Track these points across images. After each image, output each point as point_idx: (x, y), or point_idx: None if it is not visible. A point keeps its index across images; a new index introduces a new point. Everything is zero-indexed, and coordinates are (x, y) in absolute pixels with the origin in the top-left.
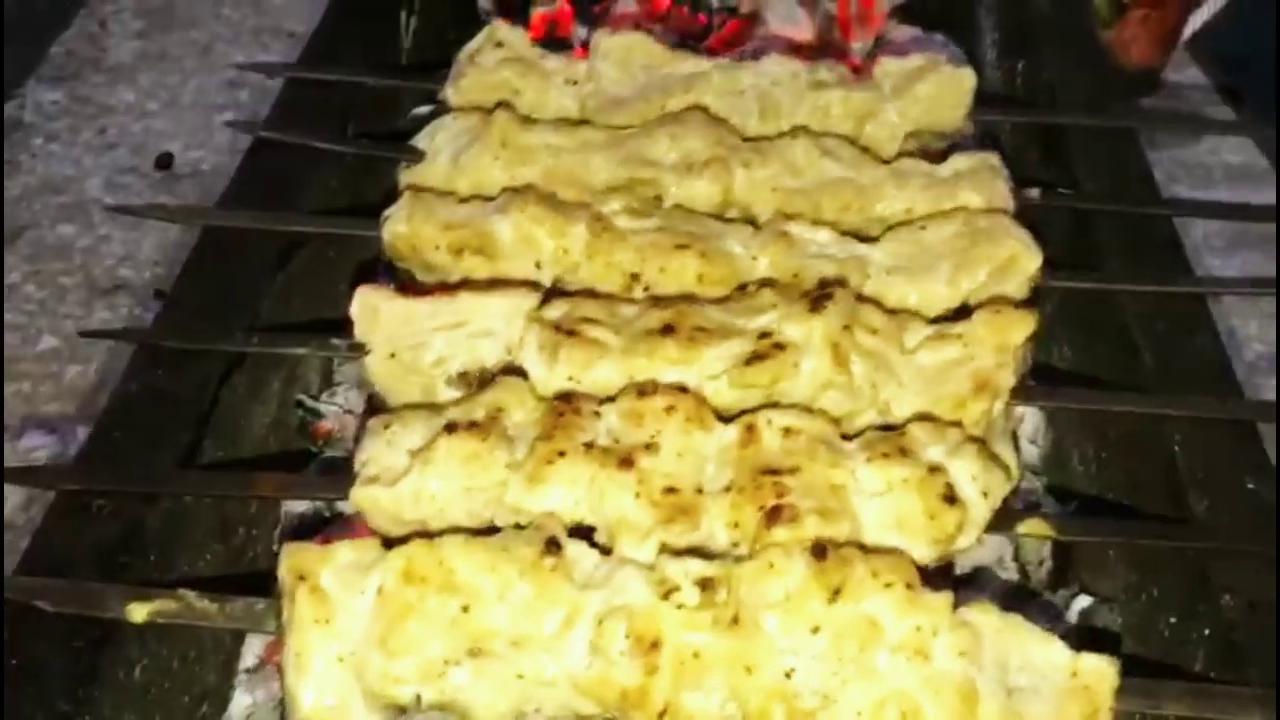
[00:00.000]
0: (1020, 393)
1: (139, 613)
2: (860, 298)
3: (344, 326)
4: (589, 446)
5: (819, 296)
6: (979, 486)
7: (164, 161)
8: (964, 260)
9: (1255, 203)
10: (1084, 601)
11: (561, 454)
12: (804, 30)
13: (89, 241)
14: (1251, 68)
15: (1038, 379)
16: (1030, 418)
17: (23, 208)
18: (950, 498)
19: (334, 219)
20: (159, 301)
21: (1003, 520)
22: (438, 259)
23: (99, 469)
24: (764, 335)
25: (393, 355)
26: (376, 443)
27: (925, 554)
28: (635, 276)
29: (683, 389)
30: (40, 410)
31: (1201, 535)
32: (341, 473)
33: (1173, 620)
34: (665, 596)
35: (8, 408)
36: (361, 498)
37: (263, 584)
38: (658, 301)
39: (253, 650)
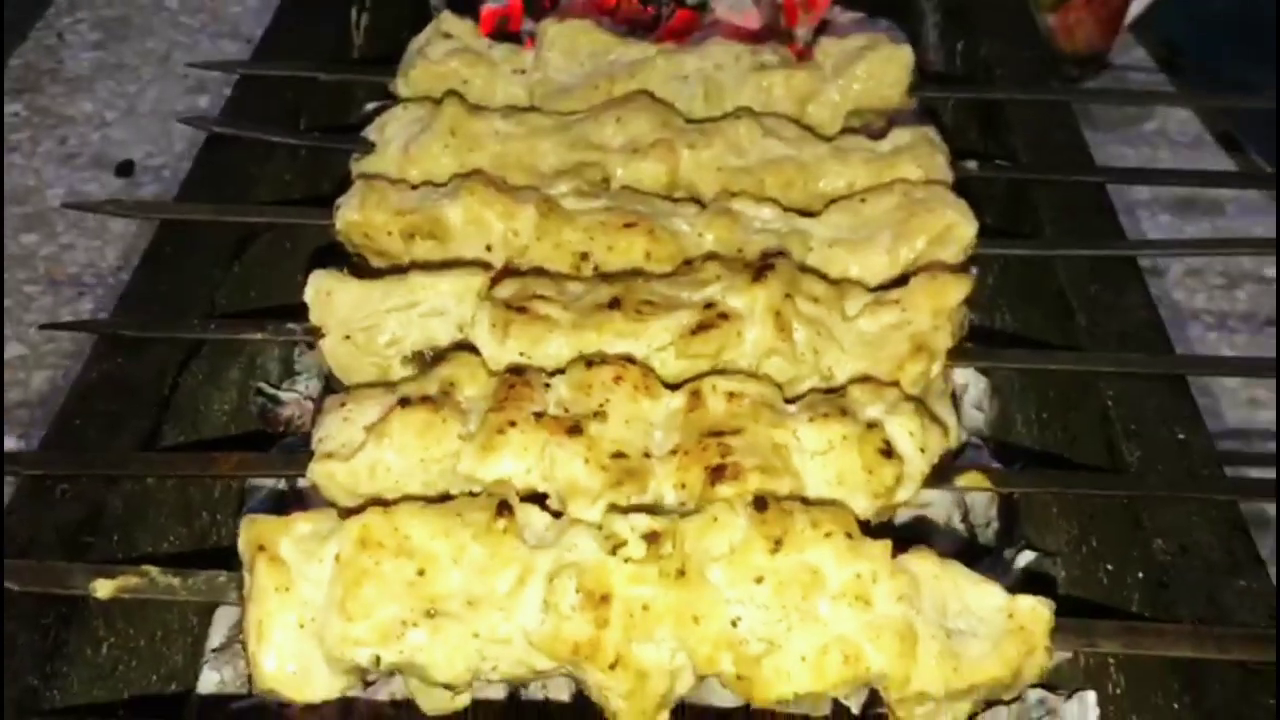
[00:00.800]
0: (958, 354)
1: (104, 589)
2: (803, 269)
3: (300, 313)
4: (539, 416)
5: (761, 267)
6: (916, 442)
7: (125, 169)
8: (902, 230)
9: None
10: (1028, 556)
11: (512, 424)
12: (750, 18)
13: (52, 249)
14: (1196, 46)
15: (979, 344)
16: (976, 385)
17: None
18: (887, 452)
19: (288, 209)
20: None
21: (943, 475)
22: (390, 245)
23: (61, 455)
24: (709, 306)
25: (347, 337)
26: (333, 419)
27: (865, 507)
28: (585, 256)
29: (630, 360)
30: (9, 416)
31: (1131, 483)
32: (301, 453)
33: (1110, 567)
34: (613, 552)
35: None
36: (319, 472)
37: (226, 563)
38: (606, 278)
39: (220, 630)
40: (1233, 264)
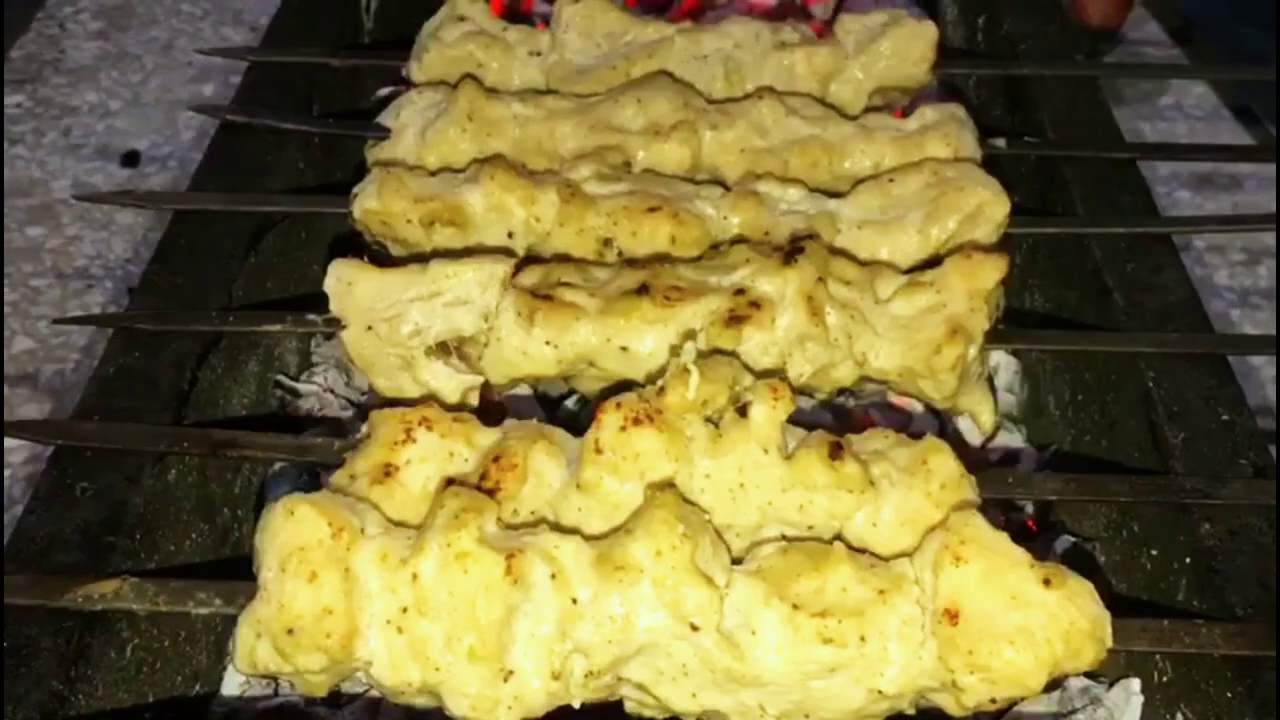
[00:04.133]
0: (994, 336)
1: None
2: (832, 252)
3: (319, 304)
4: None
5: (791, 250)
6: None
7: (131, 159)
8: (933, 210)
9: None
10: (1066, 542)
11: None
12: None
13: (58, 242)
14: (1209, 18)
15: (1011, 325)
16: (1006, 367)
17: None
18: None
19: (305, 197)
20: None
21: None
22: (409, 233)
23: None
24: (739, 292)
25: (369, 328)
26: None
27: None
28: (608, 241)
29: None
30: (18, 411)
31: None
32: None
33: (1154, 553)
34: None
35: None
36: None
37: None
38: (632, 263)
39: None
40: (1253, 239)
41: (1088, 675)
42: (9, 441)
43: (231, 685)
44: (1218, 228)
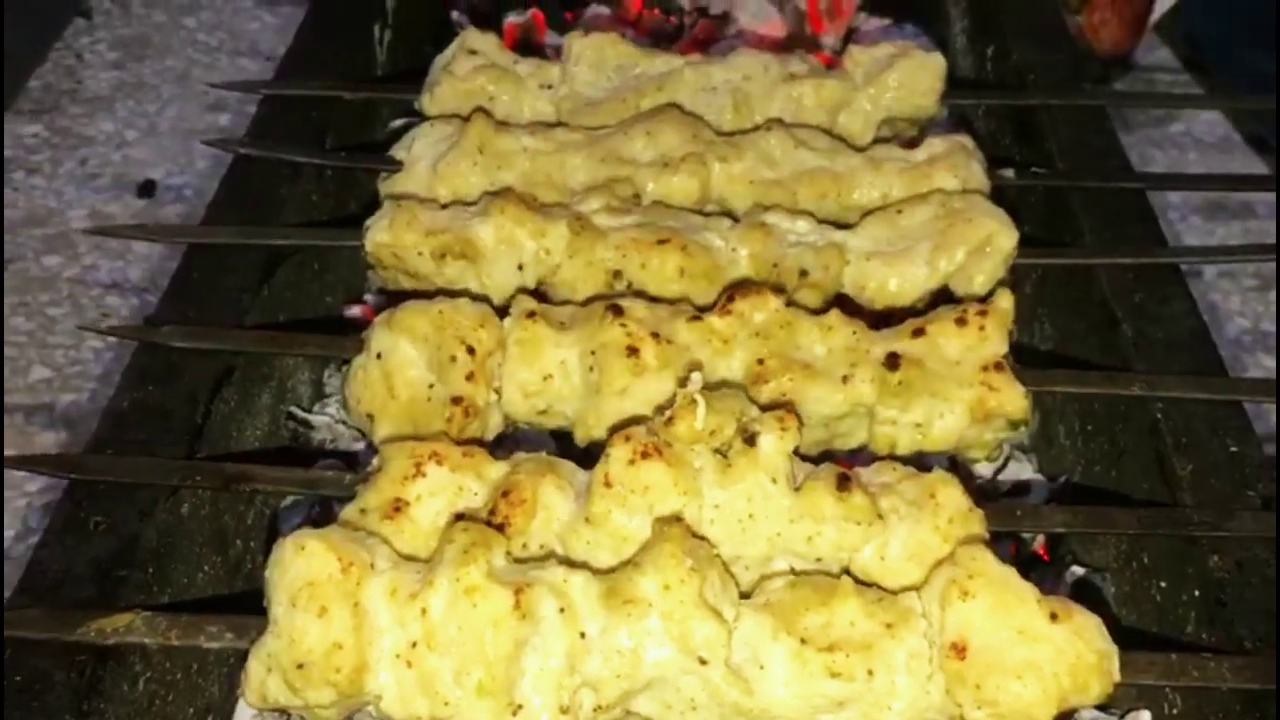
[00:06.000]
0: None
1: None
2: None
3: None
4: None
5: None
6: None
7: (147, 189)
8: (942, 242)
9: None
10: (1076, 573)
11: None
12: (775, 26)
13: (75, 271)
14: (1219, 45)
15: (1020, 358)
16: None
17: (7, 241)
18: None
19: (317, 230)
20: None
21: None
22: (420, 265)
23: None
24: None
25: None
26: None
27: None
28: (617, 273)
29: None
30: (34, 441)
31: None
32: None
33: (1163, 585)
34: None
35: (3, 438)
36: None
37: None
38: None
39: None
40: (1265, 266)
41: (1099, 707)
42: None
43: (244, 718)
44: (1220, 258)
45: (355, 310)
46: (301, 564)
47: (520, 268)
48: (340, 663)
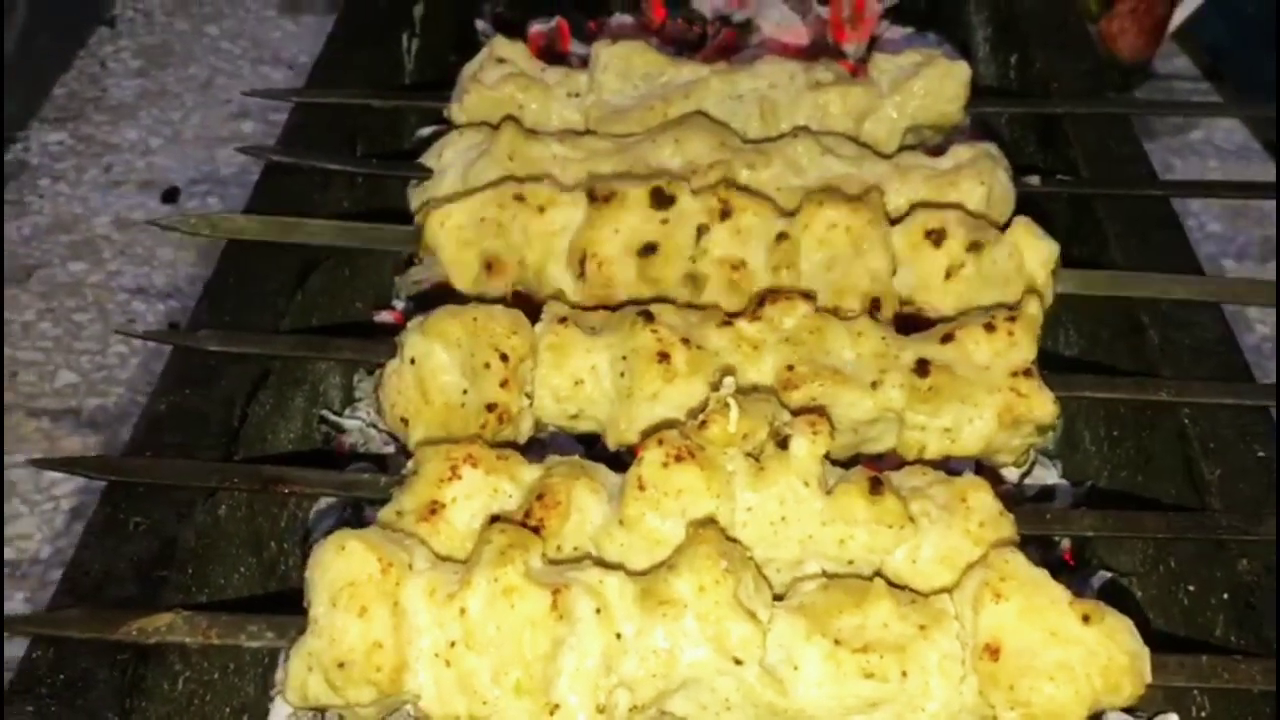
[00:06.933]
0: None
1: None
2: None
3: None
4: None
5: None
6: None
7: (171, 196)
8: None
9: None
10: (1103, 577)
11: None
12: (798, 35)
13: (100, 277)
14: (1237, 53)
15: (1046, 364)
16: None
17: (33, 247)
18: None
19: (357, 227)
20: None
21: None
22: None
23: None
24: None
25: None
26: None
27: None
28: None
29: None
30: (61, 445)
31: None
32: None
33: (1190, 589)
34: None
35: (31, 443)
36: None
37: (294, 598)
38: None
39: None
40: None
41: (1127, 710)
42: (57, 475)
43: (279, 717)
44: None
45: (385, 315)
46: (342, 564)
47: None
48: (380, 662)
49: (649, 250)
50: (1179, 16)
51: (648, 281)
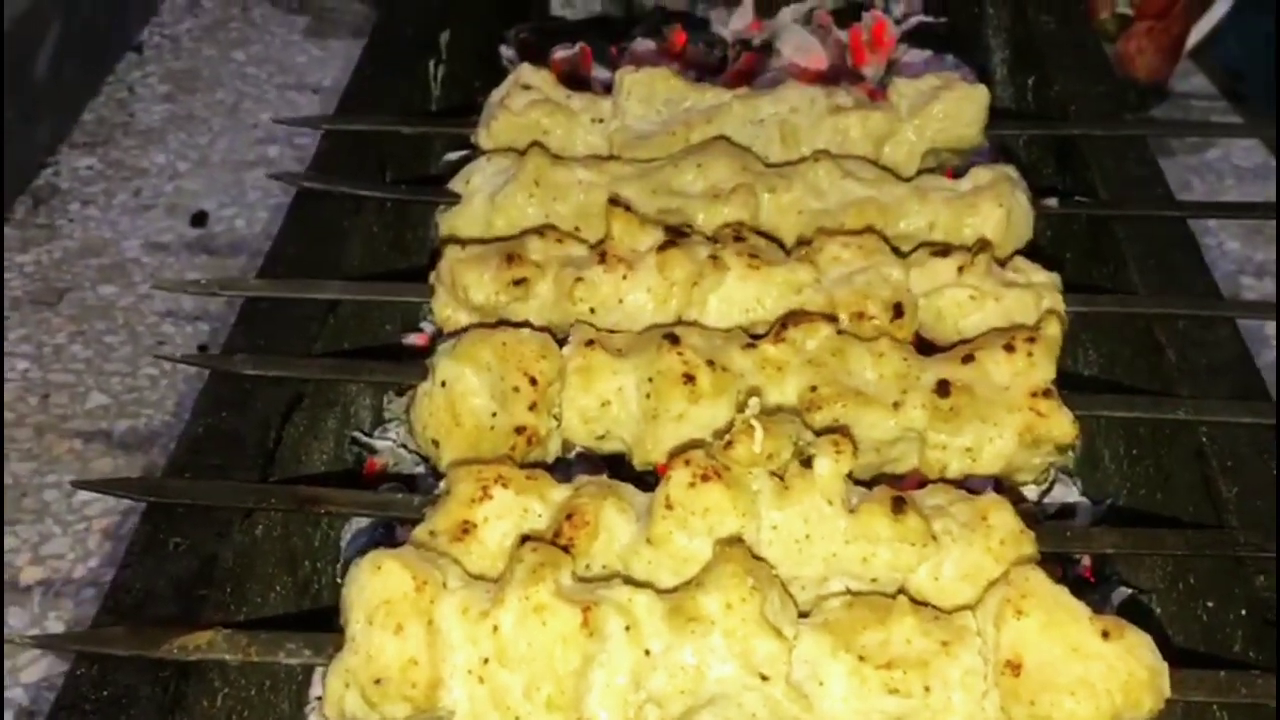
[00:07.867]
0: None
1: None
2: None
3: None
4: None
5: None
6: None
7: (199, 220)
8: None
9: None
10: (1123, 594)
11: None
12: (818, 59)
13: (130, 300)
14: (1254, 72)
15: (1065, 384)
16: None
17: (64, 270)
18: None
19: (374, 285)
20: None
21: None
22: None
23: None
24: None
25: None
26: None
27: None
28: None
29: None
30: (92, 466)
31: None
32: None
33: (1210, 604)
34: None
35: (64, 464)
36: None
37: (329, 616)
38: None
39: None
40: None
41: None
42: (88, 495)
43: None
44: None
45: (413, 338)
46: (378, 583)
47: None
48: (416, 678)
49: None
50: (1196, 36)
51: None
